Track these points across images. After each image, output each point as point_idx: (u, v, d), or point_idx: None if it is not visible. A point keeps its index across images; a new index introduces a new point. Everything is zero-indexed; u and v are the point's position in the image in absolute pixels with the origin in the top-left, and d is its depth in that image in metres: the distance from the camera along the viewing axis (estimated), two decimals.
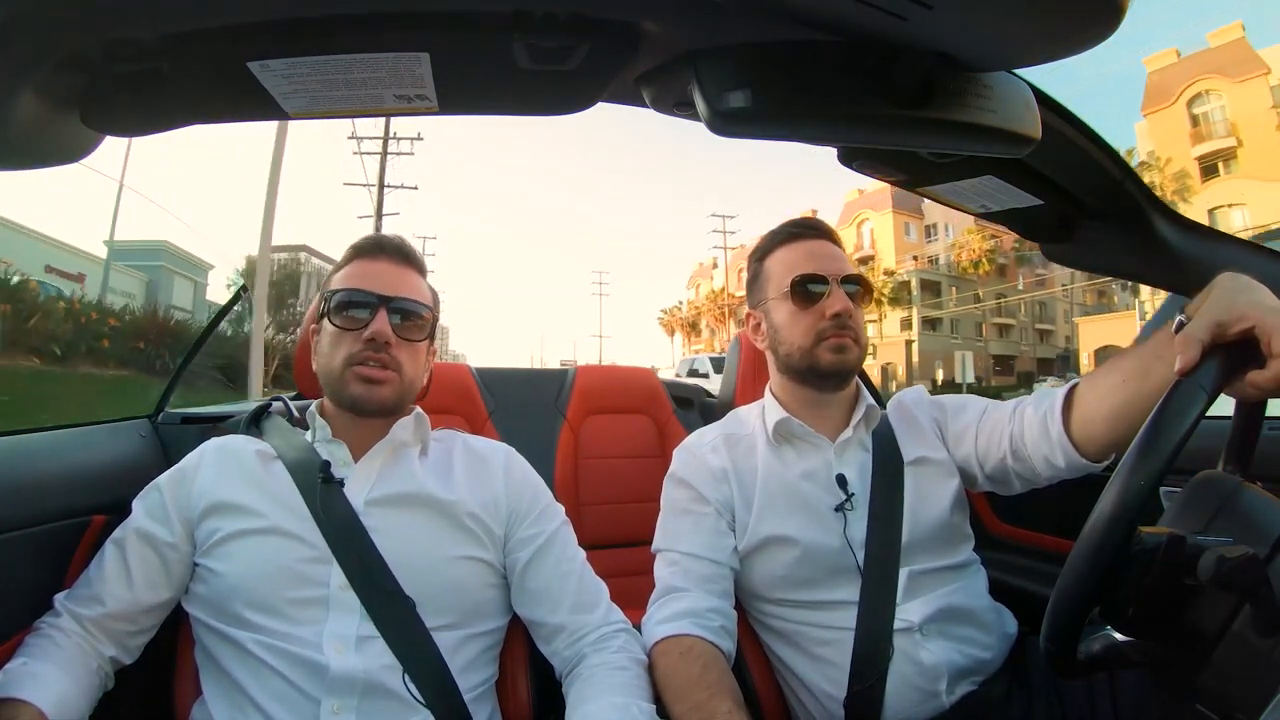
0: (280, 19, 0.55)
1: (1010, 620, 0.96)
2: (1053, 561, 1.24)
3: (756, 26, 0.56)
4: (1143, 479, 0.53)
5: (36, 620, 0.77)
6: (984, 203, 0.95)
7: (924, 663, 0.85)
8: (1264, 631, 0.52)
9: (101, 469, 1.00)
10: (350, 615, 0.76)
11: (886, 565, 0.89)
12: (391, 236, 0.92)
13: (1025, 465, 0.89)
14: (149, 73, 0.58)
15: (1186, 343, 0.59)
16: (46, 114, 0.59)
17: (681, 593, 0.90)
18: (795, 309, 0.97)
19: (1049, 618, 0.58)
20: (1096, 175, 0.88)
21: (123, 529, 0.81)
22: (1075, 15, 0.47)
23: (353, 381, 0.82)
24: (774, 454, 0.98)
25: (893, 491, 0.93)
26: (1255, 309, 0.59)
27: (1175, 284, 1.05)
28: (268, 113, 0.64)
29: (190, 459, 0.86)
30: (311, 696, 0.72)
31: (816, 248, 0.99)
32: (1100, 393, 0.80)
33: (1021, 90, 0.62)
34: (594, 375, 1.73)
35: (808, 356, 0.96)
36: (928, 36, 0.52)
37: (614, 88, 0.66)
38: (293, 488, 0.80)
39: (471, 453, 0.92)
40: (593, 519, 1.52)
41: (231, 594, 0.76)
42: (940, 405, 1.03)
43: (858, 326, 0.96)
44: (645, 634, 0.87)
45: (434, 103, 0.64)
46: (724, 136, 0.58)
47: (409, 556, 0.79)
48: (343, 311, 0.84)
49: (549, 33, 0.57)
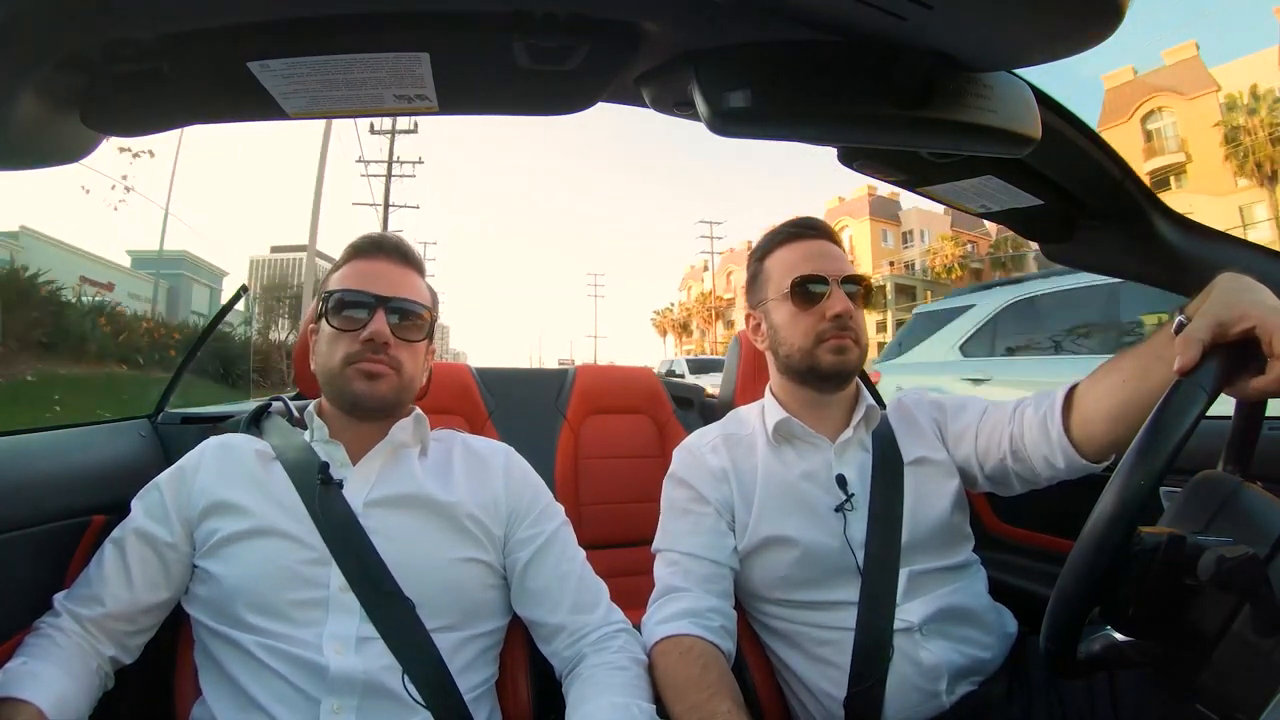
0: (280, 19, 0.55)
1: (1010, 620, 0.96)
2: (1052, 561, 1.24)
3: (756, 26, 0.56)
4: (1143, 479, 0.53)
5: (36, 620, 0.77)
6: (984, 203, 0.95)
7: (924, 663, 0.85)
8: (1264, 631, 0.52)
9: (101, 469, 0.99)
10: (350, 616, 0.76)
11: (886, 565, 0.89)
12: (390, 236, 0.92)
13: (1025, 466, 0.89)
14: (149, 73, 0.58)
15: (1187, 343, 0.59)
16: (46, 114, 0.59)
17: (681, 593, 0.90)
18: (795, 310, 0.97)
19: (1049, 618, 0.58)
20: (1096, 175, 0.88)
21: (122, 528, 0.81)
22: (1075, 15, 0.47)
23: (355, 378, 0.82)
24: (774, 454, 0.98)
25: (893, 492, 0.93)
26: (1256, 309, 0.59)
27: (1175, 284, 1.04)
28: (268, 113, 0.64)
29: (190, 458, 0.86)
30: (311, 697, 0.72)
31: (816, 248, 0.99)
32: (1100, 393, 0.80)
33: (1021, 90, 0.62)
34: (594, 375, 1.72)
35: (808, 357, 0.96)
36: (928, 36, 0.52)
37: (614, 88, 0.66)
38: (291, 489, 0.80)
39: (471, 453, 0.92)
40: (593, 519, 1.51)
41: (232, 596, 0.76)
42: (940, 406, 1.03)
43: (858, 327, 0.96)
44: (645, 634, 0.87)
45: (434, 103, 0.64)
46: (724, 136, 0.58)
47: (408, 558, 0.79)
48: (340, 312, 0.84)
49: (549, 33, 0.57)
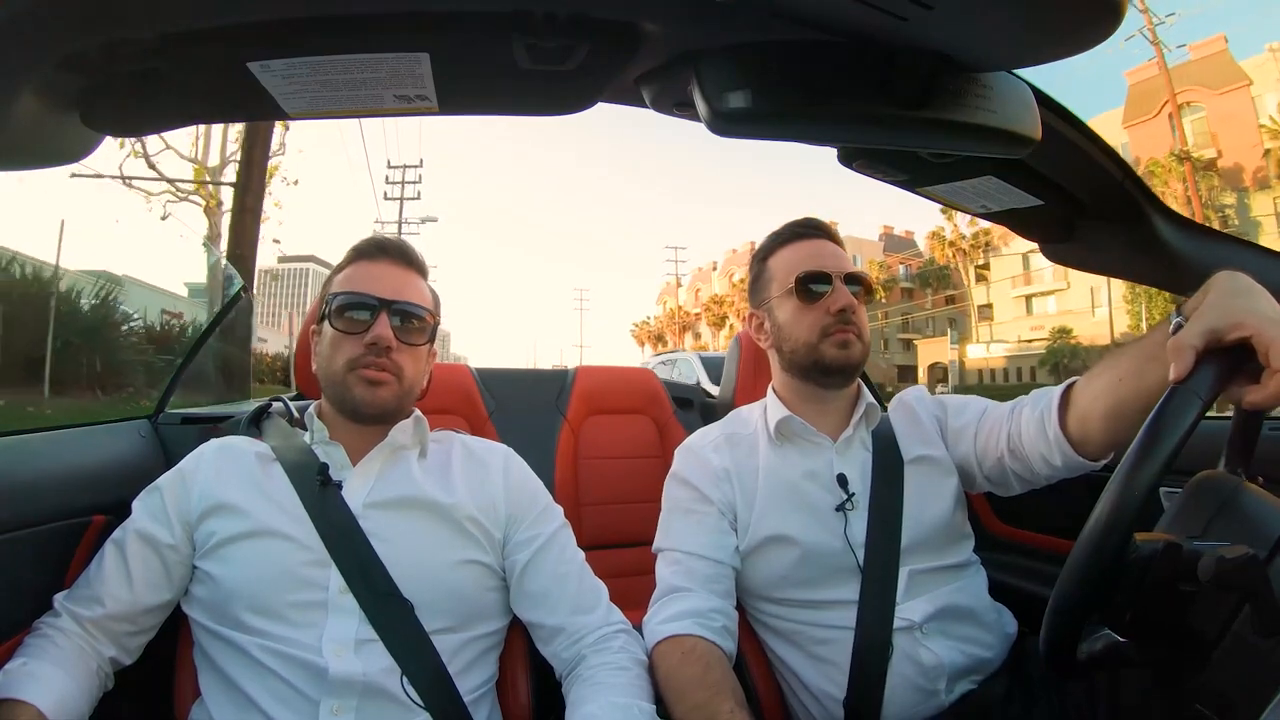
0: (280, 19, 0.55)
1: (1010, 620, 0.96)
2: (1052, 562, 1.24)
3: (756, 26, 0.56)
4: (1138, 487, 0.53)
5: (36, 620, 0.77)
6: (984, 203, 0.95)
7: (924, 662, 0.85)
8: (1264, 631, 0.52)
9: (101, 469, 0.99)
10: (349, 618, 0.75)
11: (886, 565, 0.89)
12: (393, 238, 0.92)
13: (1023, 464, 0.89)
14: (149, 73, 0.58)
15: (1180, 350, 0.58)
16: (47, 114, 0.59)
17: (685, 592, 0.90)
18: (800, 305, 0.97)
19: (1047, 623, 0.58)
20: (1096, 175, 0.88)
21: (122, 530, 0.81)
22: (1075, 15, 0.47)
23: (356, 384, 0.82)
24: (776, 453, 0.98)
25: (893, 491, 0.93)
26: (1252, 317, 0.58)
27: (1175, 284, 1.05)
28: (268, 113, 0.64)
29: (189, 460, 0.86)
30: (311, 699, 0.72)
31: (818, 247, 1.00)
32: (1096, 392, 0.79)
33: (1021, 90, 0.62)
34: (594, 376, 1.72)
35: (813, 352, 0.96)
36: (928, 37, 0.52)
37: (614, 88, 0.66)
38: (291, 490, 0.80)
39: (470, 454, 0.92)
40: (593, 519, 1.51)
41: (231, 598, 0.76)
42: (942, 404, 1.03)
43: (861, 323, 0.97)
44: (647, 634, 0.87)
45: (434, 103, 0.64)
46: (724, 136, 0.58)
47: (407, 560, 0.79)
48: (343, 314, 0.84)
49: (549, 33, 0.57)
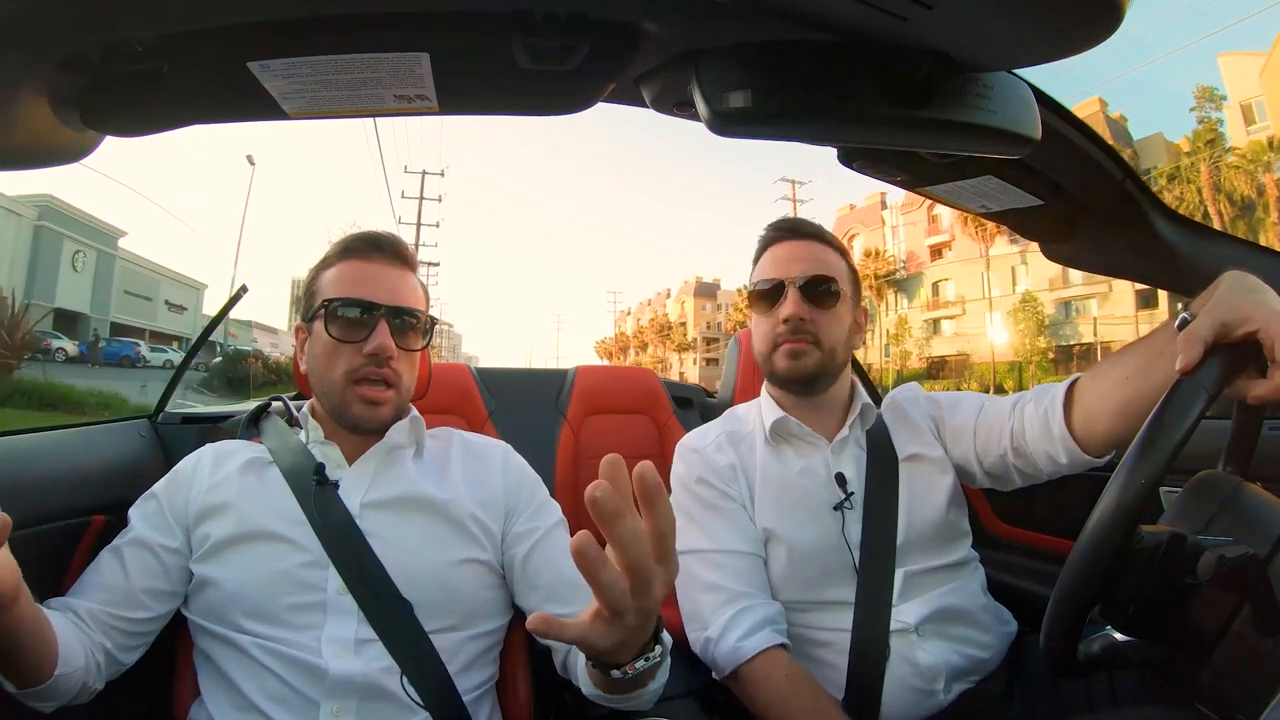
0: (280, 19, 0.55)
1: (1008, 619, 0.96)
2: (1051, 561, 1.24)
3: (756, 26, 0.56)
4: (1143, 478, 0.53)
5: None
6: (984, 203, 0.95)
7: (921, 663, 0.85)
8: (1264, 631, 0.52)
9: (101, 469, 0.99)
10: (348, 619, 0.75)
11: (882, 565, 0.89)
12: (386, 234, 0.89)
13: (1027, 461, 0.88)
14: (149, 73, 0.58)
15: (1189, 341, 0.59)
16: (47, 114, 0.59)
17: (747, 597, 0.88)
18: (757, 315, 0.98)
19: (1049, 616, 0.58)
20: (1096, 175, 0.88)
21: (120, 536, 0.81)
22: (1075, 15, 0.47)
23: (355, 403, 0.81)
24: (773, 453, 0.98)
25: (887, 490, 0.93)
26: (1261, 311, 0.59)
27: (1175, 284, 1.05)
28: (268, 113, 0.64)
29: (185, 465, 0.85)
30: (311, 699, 0.72)
31: (782, 251, 0.98)
32: (1102, 389, 0.79)
33: (1021, 90, 0.62)
34: (594, 375, 1.72)
35: (767, 363, 0.97)
36: (928, 37, 0.52)
37: (614, 88, 0.66)
38: (288, 492, 0.80)
39: (469, 450, 0.92)
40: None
41: (230, 601, 0.75)
42: (936, 402, 1.03)
43: (818, 329, 0.93)
44: (725, 650, 0.85)
45: (434, 103, 0.64)
46: (724, 136, 0.58)
47: (406, 560, 0.79)
48: (339, 320, 0.81)
49: (549, 33, 0.57)
